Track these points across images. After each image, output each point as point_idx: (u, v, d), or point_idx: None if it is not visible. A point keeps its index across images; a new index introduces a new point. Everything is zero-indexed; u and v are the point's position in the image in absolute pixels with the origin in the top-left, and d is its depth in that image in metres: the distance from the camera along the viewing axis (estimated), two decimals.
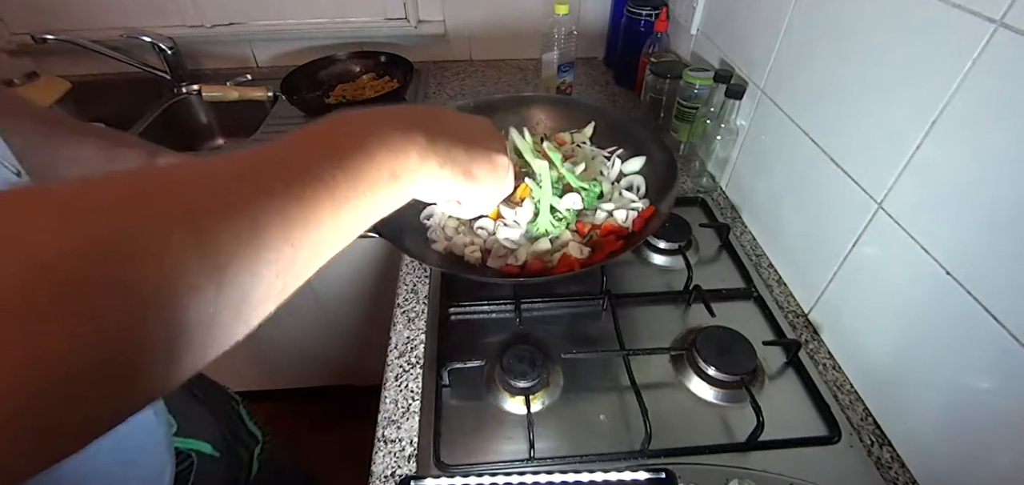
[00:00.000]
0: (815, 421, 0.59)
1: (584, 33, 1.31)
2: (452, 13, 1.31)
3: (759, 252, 0.81)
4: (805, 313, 0.71)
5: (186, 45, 1.24)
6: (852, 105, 0.60)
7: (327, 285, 1.15)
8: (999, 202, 0.44)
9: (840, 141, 0.63)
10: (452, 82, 1.30)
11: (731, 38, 0.89)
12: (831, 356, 0.66)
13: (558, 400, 0.61)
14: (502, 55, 1.40)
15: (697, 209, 0.89)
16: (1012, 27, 0.42)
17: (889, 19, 0.54)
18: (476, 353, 0.63)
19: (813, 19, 0.67)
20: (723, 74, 0.81)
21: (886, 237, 0.56)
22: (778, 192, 0.77)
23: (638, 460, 0.55)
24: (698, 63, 1.00)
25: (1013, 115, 0.42)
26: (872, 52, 0.57)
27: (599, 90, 1.27)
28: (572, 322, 0.70)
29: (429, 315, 0.70)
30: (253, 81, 1.23)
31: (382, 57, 1.24)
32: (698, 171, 0.94)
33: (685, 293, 0.72)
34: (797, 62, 0.70)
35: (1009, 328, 0.43)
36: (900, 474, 0.54)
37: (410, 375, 0.62)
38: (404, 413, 0.59)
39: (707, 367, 0.61)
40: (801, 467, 0.54)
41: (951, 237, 0.48)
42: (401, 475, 0.53)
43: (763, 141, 0.79)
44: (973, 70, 0.45)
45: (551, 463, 0.55)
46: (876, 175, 0.57)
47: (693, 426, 0.59)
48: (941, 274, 0.49)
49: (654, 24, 1.08)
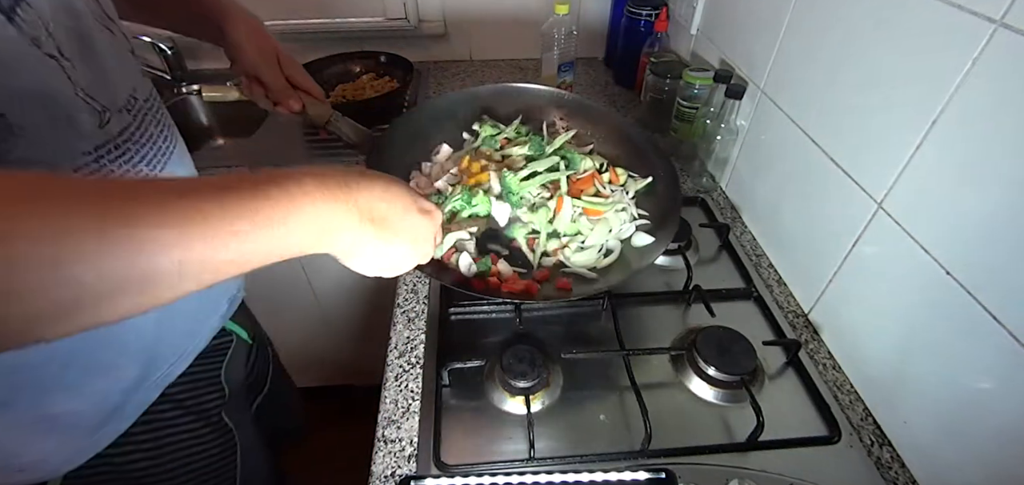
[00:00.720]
0: (815, 421, 0.59)
1: (584, 33, 1.31)
2: (452, 13, 1.31)
3: (759, 252, 0.81)
4: (805, 313, 0.71)
5: (186, 45, 1.24)
6: (852, 105, 0.60)
7: (327, 285, 1.16)
8: (999, 202, 0.44)
9: (840, 141, 0.63)
10: (452, 82, 1.30)
11: (731, 38, 0.89)
12: (831, 356, 0.66)
13: (558, 400, 0.61)
14: (502, 55, 1.40)
15: (697, 209, 0.89)
16: (1012, 27, 0.42)
17: (889, 19, 0.54)
18: (476, 353, 0.63)
19: (813, 19, 0.67)
20: (723, 74, 0.81)
21: (886, 237, 0.56)
22: (778, 192, 0.77)
23: (638, 460, 0.55)
24: (698, 63, 1.00)
25: (1013, 115, 0.42)
26: (872, 52, 0.57)
27: (599, 90, 1.27)
28: (572, 322, 0.70)
29: (429, 315, 0.70)
30: None
31: (382, 57, 1.24)
32: (698, 171, 0.93)
33: (685, 293, 0.72)
34: (797, 62, 0.70)
35: (1009, 328, 0.43)
36: (900, 474, 0.54)
37: (410, 375, 0.62)
38: (404, 413, 0.59)
39: (707, 367, 0.61)
40: (801, 467, 0.54)
41: (951, 237, 0.48)
42: (401, 475, 0.53)
43: (763, 141, 0.79)
44: (973, 70, 0.45)
45: (551, 463, 0.55)
46: (876, 175, 0.57)
47: (693, 426, 0.59)
48: (941, 274, 0.49)
49: (654, 24, 1.08)
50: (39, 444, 0.46)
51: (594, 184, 0.72)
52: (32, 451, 0.46)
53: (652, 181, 0.74)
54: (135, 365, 0.50)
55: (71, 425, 0.47)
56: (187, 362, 0.57)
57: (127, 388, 0.50)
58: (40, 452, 0.47)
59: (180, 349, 0.56)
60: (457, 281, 0.61)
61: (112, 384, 0.49)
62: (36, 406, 0.44)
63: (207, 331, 0.61)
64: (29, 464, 0.47)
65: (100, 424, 0.49)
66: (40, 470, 0.48)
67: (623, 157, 0.79)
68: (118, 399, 0.50)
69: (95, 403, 0.48)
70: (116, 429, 0.51)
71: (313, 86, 0.67)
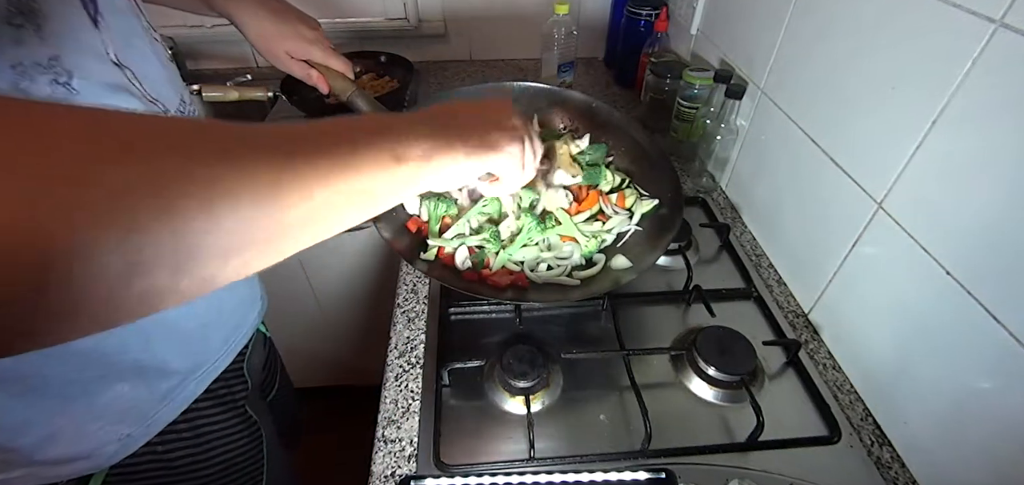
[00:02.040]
0: (815, 421, 0.59)
1: (584, 33, 1.31)
2: (452, 13, 1.31)
3: (759, 252, 0.81)
4: (805, 313, 0.71)
5: (186, 45, 1.24)
6: (852, 105, 0.60)
7: (327, 285, 1.16)
8: (999, 202, 0.44)
9: (840, 141, 0.63)
10: (452, 82, 1.30)
11: (731, 38, 0.89)
12: (831, 356, 0.66)
13: (558, 400, 0.61)
14: (502, 55, 1.40)
15: (697, 209, 0.89)
16: (1012, 27, 0.42)
17: (889, 19, 0.54)
18: (476, 353, 0.63)
19: (813, 19, 0.67)
20: (723, 74, 0.81)
21: (886, 237, 0.56)
22: (778, 192, 0.77)
23: (638, 460, 0.55)
24: (698, 63, 1.00)
25: (1013, 115, 0.42)
26: (872, 52, 0.57)
27: (599, 90, 1.27)
28: (572, 322, 0.70)
29: (429, 315, 0.70)
30: (253, 81, 1.23)
31: (382, 57, 1.24)
32: (698, 171, 0.93)
33: (685, 293, 0.72)
34: (797, 62, 0.70)
35: (1009, 328, 0.43)
36: (900, 474, 0.54)
37: (410, 375, 0.62)
38: (404, 413, 0.59)
39: (707, 367, 0.61)
40: (801, 467, 0.54)
41: (951, 237, 0.48)
42: (401, 475, 0.53)
43: (763, 141, 0.79)
44: (973, 70, 0.45)
45: (551, 463, 0.55)
46: (876, 175, 0.57)
47: (693, 426, 0.59)
48: (941, 274, 0.49)
49: (654, 24, 1.08)
50: (98, 435, 0.48)
51: (599, 203, 0.70)
52: (89, 442, 0.48)
53: (658, 204, 0.71)
54: (186, 359, 0.53)
55: (128, 418, 0.49)
56: (230, 358, 0.59)
57: (175, 384, 0.52)
58: (96, 442, 0.48)
59: (226, 344, 0.58)
60: (447, 264, 0.63)
61: (165, 378, 0.51)
62: (100, 397, 0.46)
63: (248, 326, 0.63)
64: (83, 453, 0.48)
65: (152, 417, 0.51)
66: (94, 460, 0.49)
67: (636, 172, 0.77)
68: (167, 392, 0.52)
69: (150, 397, 0.50)
70: (164, 420, 0.52)
71: (335, 61, 0.69)
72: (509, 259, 0.64)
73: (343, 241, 1.03)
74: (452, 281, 0.61)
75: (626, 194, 0.73)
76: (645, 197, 0.73)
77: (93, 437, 0.48)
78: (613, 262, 0.66)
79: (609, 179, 0.73)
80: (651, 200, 0.71)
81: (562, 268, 0.65)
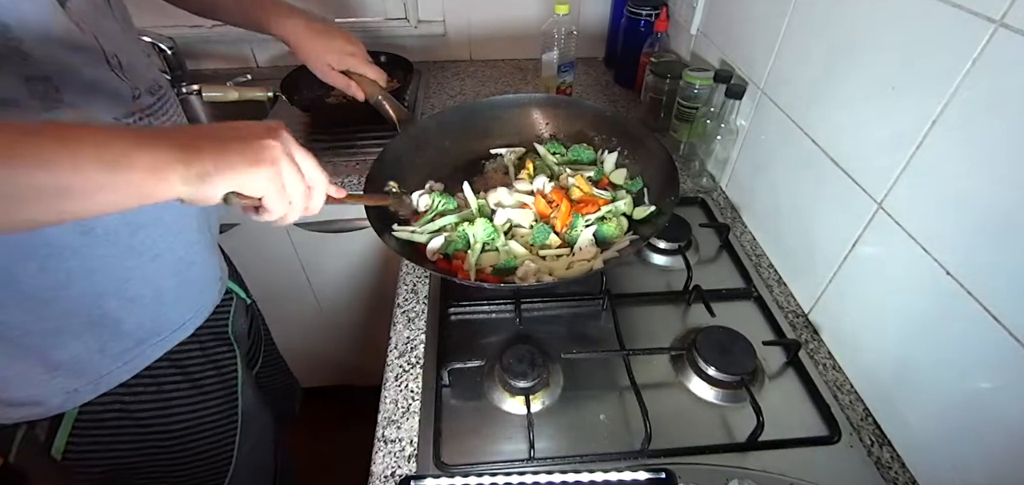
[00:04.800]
0: (815, 421, 0.59)
1: (584, 33, 1.31)
2: (452, 13, 1.30)
3: (759, 252, 0.81)
4: (805, 313, 0.71)
5: (186, 45, 1.24)
6: (852, 105, 0.60)
7: (327, 285, 1.15)
8: (999, 202, 0.44)
9: (840, 141, 0.63)
10: (452, 82, 1.30)
11: (731, 38, 0.89)
12: (831, 356, 0.66)
13: (558, 400, 0.61)
14: (502, 55, 1.40)
15: (697, 209, 0.89)
16: (1012, 27, 0.42)
17: (889, 19, 0.54)
18: (476, 353, 0.63)
19: (813, 19, 0.67)
20: (723, 74, 0.81)
21: (886, 237, 0.56)
22: (778, 192, 0.77)
23: (638, 460, 0.55)
24: (698, 63, 1.00)
25: (1013, 115, 0.42)
26: (872, 52, 0.57)
27: (599, 90, 1.27)
28: (572, 322, 0.70)
29: (429, 315, 0.70)
30: (253, 81, 1.23)
31: (382, 57, 1.24)
32: (698, 171, 0.94)
33: (685, 293, 0.72)
34: (797, 62, 0.70)
35: (1009, 328, 0.43)
36: (900, 474, 0.54)
37: (410, 375, 0.62)
38: (404, 413, 0.59)
39: (707, 367, 0.61)
40: (801, 467, 0.54)
41: (951, 237, 0.48)
42: (401, 475, 0.53)
43: (763, 141, 0.79)
44: (973, 70, 0.45)
45: (551, 463, 0.55)
46: (876, 175, 0.57)
47: (693, 426, 0.59)
48: (941, 274, 0.49)
49: (654, 24, 1.08)
50: (49, 385, 0.52)
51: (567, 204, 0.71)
52: (39, 390, 0.52)
53: (656, 210, 0.71)
54: (140, 324, 0.56)
55: (79, 373, 0.53)
56: (193, 327, 0.62)
57: (130, 346, 0.56)
58: (47, 391, 0.52)
59: (187, 313, 0.61)
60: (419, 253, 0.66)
61: (118, 340, 0.54)
62: (55, 352, 0.51)
63: (209, 299, 0.65)
64: (34, 399, 0.52)
65: (103, 374, 0.55)
66: (44, 406, 0.53)
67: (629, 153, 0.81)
68: (121, 353, 0.55)
69: (102, 356, 0.54)
70: (117, 379, 0.56)
71: (370, 71, 0.77)
72: (474, 265, 0.65)
73: (343, 241, 1.03)
74: (423, 263, 0.64)
75: (609, 174, 0.78)
76: (626, 164, 0.79)
77: (44, 386, 0.51)
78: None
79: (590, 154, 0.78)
80: (647, 206, 0.73)
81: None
